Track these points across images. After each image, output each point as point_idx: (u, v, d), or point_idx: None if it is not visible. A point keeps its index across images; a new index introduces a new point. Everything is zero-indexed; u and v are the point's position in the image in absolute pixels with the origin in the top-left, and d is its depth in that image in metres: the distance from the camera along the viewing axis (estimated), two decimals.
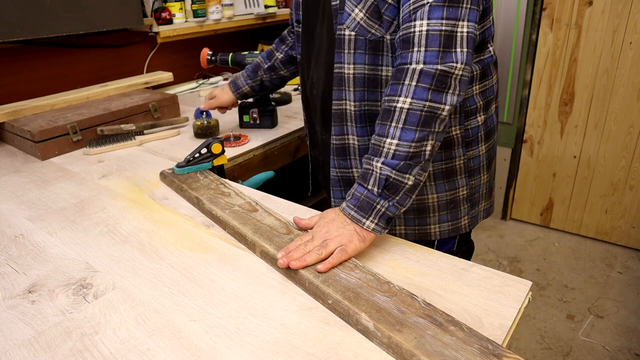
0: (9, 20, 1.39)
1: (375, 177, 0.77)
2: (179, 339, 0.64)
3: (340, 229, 0.78)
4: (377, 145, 0.79)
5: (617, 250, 2.40)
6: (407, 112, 0.76)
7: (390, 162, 0.77)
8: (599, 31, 2.17)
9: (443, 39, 0.75)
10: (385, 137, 0.78)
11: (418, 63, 0.76)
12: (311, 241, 0.77)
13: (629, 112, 2.20)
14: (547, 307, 2.03)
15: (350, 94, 0.92)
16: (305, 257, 0.74)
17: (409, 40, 0.78)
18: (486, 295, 0.70)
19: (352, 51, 0.89)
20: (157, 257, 0.83)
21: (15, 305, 0.73)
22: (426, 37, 0.76)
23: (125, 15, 1.70)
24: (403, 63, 0.78)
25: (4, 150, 1.42)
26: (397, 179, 0.77)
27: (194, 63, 2.12)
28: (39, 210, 1.03)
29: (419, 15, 0.76)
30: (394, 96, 0.78)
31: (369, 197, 0.78)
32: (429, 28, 0.76)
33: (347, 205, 0.80)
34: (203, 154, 1.12)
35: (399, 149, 0.76)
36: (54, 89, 1.67)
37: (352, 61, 0.90)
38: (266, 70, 1.32)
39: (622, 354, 1.77)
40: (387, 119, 0.78)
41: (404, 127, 0.76)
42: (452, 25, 0.76)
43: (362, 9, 0.86)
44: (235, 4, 2.14)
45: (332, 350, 0.61)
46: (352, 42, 0.89)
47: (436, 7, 0.75)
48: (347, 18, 0.88)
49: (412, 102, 0.76)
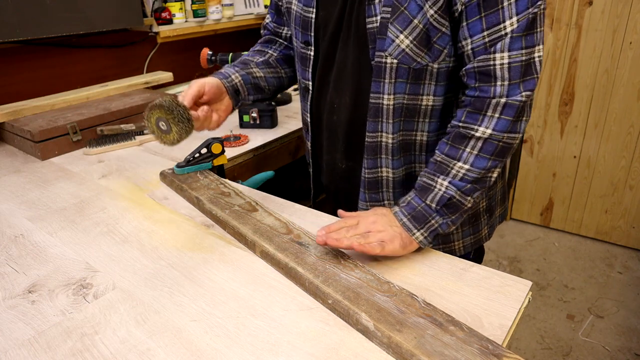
0: (9, 20, 1.39)
1: (436, 194, 0.78)
2: (179, 339, 0.64)
3: (386, 226, 0.77)
4: (445, 165, 0.78)
5: (617, 250, 2.40)
6: (485, 141, 0.76)
7: (457, 184, 0.77)
8: (599, 31, 2.17)
9: (523, 69, 0.74)
10: (457, 160, 0.77)
11: (502, 97, 0.74)
12: (354, 228, 0.77)
13: (629, 112, 2.20)
14: (547, 307, 2.03)
15: (388, 126, 0.86)
16: (343, 239, 0.74)
17: (489, 73, 0.75)
18: (486, 295, 0.70)
19: (393, 80, 0.82)
20: (157, 257, 0.83)
21: (15, 305, 0.73)
22: (508, 70, 0.73)
23: (125, 15, 1.70)
24: (484, 97, 0.76)
25: (4, 150, 1.42)
26: (459, 200, 0.77)
27: (194, 63, 2.12)
28: (39, 210, 1.03)
29: (499, 48, 0.73)
30: (473, 124, 0.76)
31: (426, 210, 0.78)
32: (510, 60, 0.73)
33: (400, 211, 0.79)
34: (203, 154, 1.12)
35: (468, 174, 0.77)
36: (54, 89, 1.67)
37: (392, 91, 0.83)
38: (259, 63, 1.05)
39: (622, 354, 1.77)
40: (461, 144, 0.77)
41: (479, 154, 0.76)
42: (529, 54, 0.74)
43: (408, 36, 0.78)
44: (235, 4, 2.14)
45: (332, 350, 0.61)
46: (393, 71, 0.81)
47: (517, 38, 0.72)
48: (390, 45, 0.79)
49: (492, 133, 0.75)
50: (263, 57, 1.07)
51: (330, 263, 0.75)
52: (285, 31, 1.08)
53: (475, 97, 0.77)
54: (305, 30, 0.93)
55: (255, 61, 1.05)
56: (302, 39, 0.94)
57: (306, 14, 0.92)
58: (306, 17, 0.92)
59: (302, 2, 0.92)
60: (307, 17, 0.92)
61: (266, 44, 1.12)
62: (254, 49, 1.12)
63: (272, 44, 1.12)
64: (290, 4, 0.96)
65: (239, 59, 1.07)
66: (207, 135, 1.46)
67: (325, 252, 0.78)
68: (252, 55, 1.08)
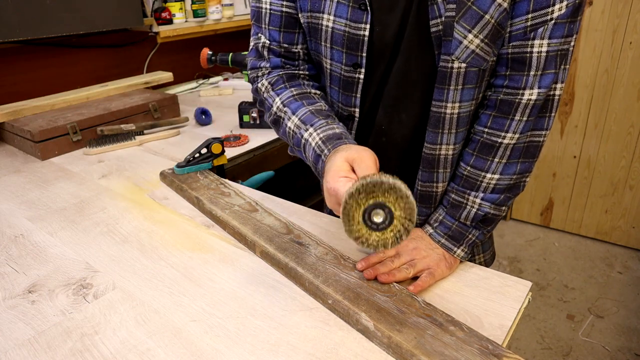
0: (9, 20, 1.39)
1: (470, 212, 0.75)
2: (179, 339, 0.64)
3: (428, 250, 0.75)
4: (474, 179, 0.74)
5: (617, 250, 2.40)
6: (513, 147, 0.72)
7: (490, 197, 0.74)
8: (599, 31, 2.17)
9: (559, 59, 0.67)
10: (486, 172, 0.73)
11: (533, 88, 0.68)
12: (397, 257, 0.73)
13: (629, 112, 2.20)
14: (547, 307, 2.03)
15: (450, 136, 0.74)
16: (395, 273, 0.70)
17: (523, 61, 0.68)
18: (486, 296, 0.70)
19: (460, 87, 0.70)
20: (157, 257, 0.83)
21: (15, 305, 0.73)
22: (545, 59, 0.67)
23: (125, 15, 1.70)
24: (514, 87, 0.69)
25: (4, 150, 1.42)
26: (494, 213, 0.74)
27: (194, 63, 2.11)
28: (39, 210, 1.03)
29: (540, 34, 0.66)
30: (500, 131, 0.71)
31: (461, 227, 0.76)
32: (549, 49, 0.66)
33: (435, 232, 0.77)
34: (203, 154, 1.12)
35: (499, 183, 0.73)
36: (54, 89, 1.67)
37: (459, 99, 0.71)
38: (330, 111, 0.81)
39: (622, 354, 1.77)
40: (488, 154, 0.73)
41: (508, 162, 0.72)
42: (568, 43, 0.67)
43: (478, 34, 0.66)
44: (235, 4, 2.14)
45: (332, 350, 0.61)
46: (460, 76, 0.69)
47: (560, 24, 0.65)
48: (457, 47, 0.67)
49: (519, 137, 0.71)
50: (322, 101, 0.83)
51: (330, 263, 0.75)
52: (302, 50, 0.83)
53: (503, 94, 0.70)
54: (354, 50, 0.75)
55: (327, 110, 0.81)
56: (349, 61, 0.76)
57: (355, 31, 0.74)
58: (355, 35, 0.74)
59: (346, 17, 0.74)
60: (358, 36, 0.74)
61: (294, 83, 0.84)
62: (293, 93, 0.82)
63: (298, 80, 0.85)
64: (317, 19, 0.76)
65: (318, 113, 0.78)
66: (207, 135, 1.46)
67: (325, 252, 0.78)
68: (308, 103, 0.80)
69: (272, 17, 0.80)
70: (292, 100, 0.81)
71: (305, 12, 0.77)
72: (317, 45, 0.80)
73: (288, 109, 0.80)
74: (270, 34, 0.82)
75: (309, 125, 0.76)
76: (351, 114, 0.82)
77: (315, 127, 0.75)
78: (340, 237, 0.86)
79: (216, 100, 1.92)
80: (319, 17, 0.76)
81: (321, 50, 0.79)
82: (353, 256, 0.78)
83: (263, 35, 0.83)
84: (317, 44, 0.80)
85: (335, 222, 0.92)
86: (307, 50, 0.84)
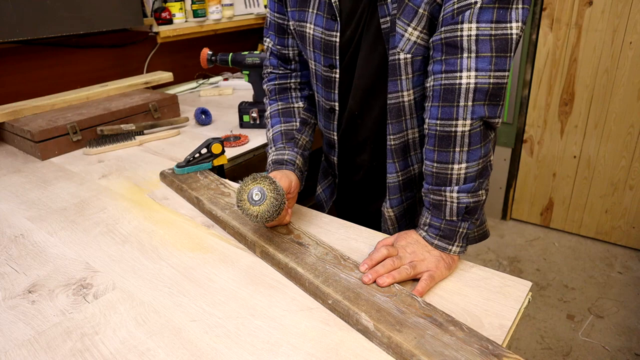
0: (9, 20, 1.39)
1: (451, 207, 0.76)
2: (179, 339, 0.64)
3: (425, 253, 0.76)
4: (443, 174, 0.76)
5: (617, 250, 2.40)
6: (469, 134, 0.73)
7: (465, 187, 0.75)
8: (599, 31, 2.17)
9: (494, 44, 0.69)
10: (451, 163, 0.74)
11: (470, 70, 0.70)
12: (399, 258, 0.74)
13: (629, 112, 2.20)
14: (547, 307, 2.03)
15: (413, 121, 0.85)
16: (394, 274, 0.71)
17: (456, 44, 0.70)
18: (486, 296, 0.70)
19: (410, 75, 0.80)
20: (157, 257, 0.83)
21: (15, 305, 0.73)
22: (476, 42, 0.69)
23: (125, 15, 1.70)
24: (452, 70, 0.71)
25: (4, 150, 1.42)
26: (474, 201, 0.76)
27: (194, 63, 2.12)
28: (39, 210, 1.03)
29: (467, 17, 0.69)
30: (449, 120, 0.73)
31: (450, 224, 0.77)
32: (479, 32, 0.69)
33: (428, 235, 0.78)
34: (203, 154, 1.12)
35: (469, 171, 0.74)
36: (54, 89, 1.67)
37: (412, 86, 0.81)
38: (300, 129, 1.00)
39: (622, 354, 1.77)
40: (447, 146, 0.74)
41: (470, 149, 0.73)
42: (503, 29, 0.69)
43: (417, 26, 0.75)
44: (235, 4, 2.14)
45: (332, 350, 0.61)
46: (408, 65, 0.79)
47: (487, 9, 0.68)
48: (401, 40, 0.77)
49: (471, 122, 0.72)
50: (298, 118, 1.01)
51: (330, 263, 0.75)
52: (291, 51, 1.01)
53: (443, 79, 0.72)
54: (329, 54, 0.89)
55: (297, 128, 0.99)
56: (326, 62, 0.90)
57: (329, 37, 0.87)
58: (330, 41, 0.88)
59: (322, 26, 0.87)
60: (331, 42, 0.87)
61: (283, 96, 1.04)
62: (278, 108, 1.02)
63: (287, 92, 1.04)
64: (302, 27, 0.91)
65: (285, 135, 0.98)
66: (207, 135, 1.46)
67: (325, 252, 0.78)
68: (285, 120, 1.00)
69: (271, 24, 1.00)
70: (275, 114, 1.02)
71: (294, 21, 0.92)
72: (304, 49, 0.94)
73: (270, 121, 1.02)
74: (271, 37, 1.02)
75: (272, 145, 0.98)
76: (332, 107, 0.96)
77: (275, 149, 0.96)
78: (340, 237, 0.87)
79: (216, 100, 1.92)
80: (304, 26, 0.91)
81: (307, 53, 0.95)
82: (353, 256, 0.78)
83: (268, 38, 1.03)
84: (304, 47, 0.94)
85: (335, 222, 0.92)
86: (299, 53, 1.01)
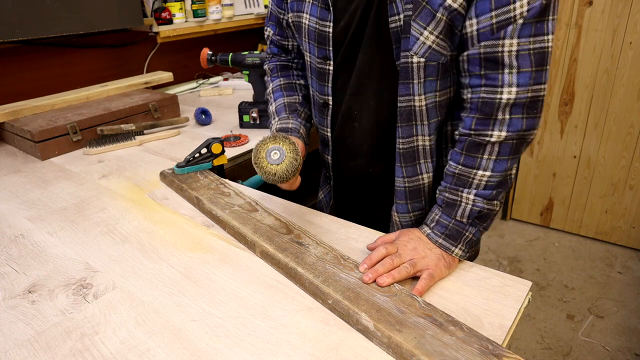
0: (9, 20, 1.39)
1: (464, 209, 0.76)
2: (179, 339, 0.64)
3: (427, 250, 0.76)
4: (465, 176, 0.76)
5: (617, 250, 2.40)
6: (501, 145, 0.74)
7: (483, 193, 0.75)
8: (599, 31, 2.17)
9: (534, 59, 0.69)
10: (476, 169, 0.75)
11: (511, 86, 0.70)
12: (398, 256, 0.74)
13: (629, 112, 2.20)
14: (547, 307, 2.03)
15: (424, 128, 0.82)
16: (394, 273, 0.71)
17: (496, 60, 0.70)
18: (486, 295, 0.70)
19: (422, 80, 0.78)
20: (157, 257, 0.83)
21: (15, 305, 0.73)
22: (517, 57, 0.69)
23: (125, 15, 1.70)
24: (493, 85, 0.71)
25: (4, 150, 1.42)
26: (489, 208, 0.76)
27: (194, 63, 2.12)
28: (39, 210, 1.03)
29: (509, 33, 0.68)
30: (485, 131, 0.73)
31: (458, 225, 0.77)
32: (519, 48, 0.69)
33: (433, 232, 0.78)
34: (203, 154, 1.12)
35: (491, 180, 0.75)
36: (54, 89, 1.67)
37: (423, 91, 0.79)
38: (303, 103, 1.02)
39: (622, 354, 1.77)
40: (477, 152, 0.75)
41: (497, 158, 0.74)
42: (540, 42, 0.69)
43: (433, 31, 0.73)
44: (235, 4, 2.14)
45: (332, 350, 0.61)
46: (421, 69, 0.77)
47: (528, 24, 0.68)
48: (415, 43, 0.75)
49: (507, 135, 0.73)
50: (301, 93, 1.03)
51: (330, 263, 0.75)
52: (290, 43, 1.03)
53: (483, 93, 0.73)
54: (323, 45, 0.88)
55: (299, 102, 1.02)
56: (320, 54, 0.89)
57: (323, 28, 0.86)
58: (323, 31, 0.86)
59: (316, 16, 0.87)
60: (324, 32, 0.86)
61: (285, 73, 1.06)
62: (281, 83, 1.04)
63: (289, 70, 1.06)
64: (299, 18, 0.90)
65: (289, 106, 1.00)
66: (207, 135, 1.46)
67: (325, 252, 0.78)
68: (288, 94, 1.02)
69: (272, 15, 1.01)
70: (278, 89, 1.03)
71: (292, 13, 0.92)
72: (301, 41, 0.94)
73: (272, 96, 1.03)
74: (271, 27, 1.04)
75: (275, 116, 0.99)
76: (326, 102, 0.94)
77: (278, 119, 0.97)
78: (340, 237, 0.87)
79: (216, 100, 1.92)
80: (300, 16, 0.90)
81: (303, 44, 0.93)
82: (353, 256, 0.78)
83: (269, 28, 1.04)
84: (300, 40, 0.93)
85: (335, 222, 0.92)
86: (299, 47, 1.01)
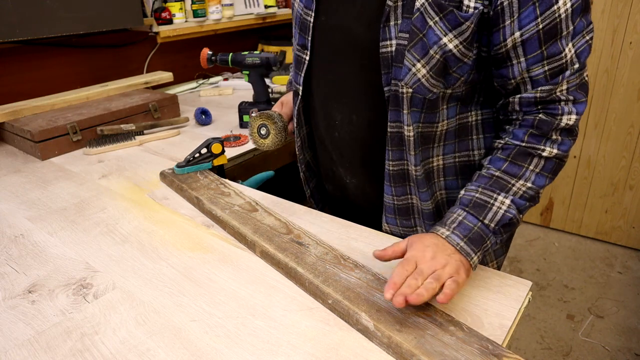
0: (9, 20, 1.39)
1: (496, 212, 0.73)
2: (179, 339, 0.64)
3: (446, 257, 0.69)
4: (505, 181, 0.75)
5: (617, 250, 2.40)
6: (547, 160, 0.76)
7: (518, 202, 0.74)
8: (599, 31, 2.17)
9: (580, 88, 0.75)
10: (519, 178, 0.75)
11: (571, 114, 0.74)
12: (420, 273, 0.66)
13: (629, 112, 2.20)
14: (547, 307, 2.03)
15: (410, 157, 0.81)
16: (422, 293, 0.62)
17: (553, 100, 0.74)
18: (486, 295, 0.70)
19: (407, 111, 0.77)
20: (157, 257, 0.83)
21: (15, 305, 0.73)
22: (574, 93, 0.74)
23: (125, 15, 1.70)
24: (552, 115, 0.74)
25: (4, 150, 1.42)
26: (517, 219, 0.75)
27: (194, 63, 2.12)
28: (39, 210, 1.03)
29: (566, 77, 0.72)
30: (538, 144, 0.75)
31: (483, 231, 0.72)
32: (569, 86, 0.73)
33: (453, 234, 0.71)
34: (203, 154, 1.12)
35: (528, 192, 0.75)
36: (54, 89, 1.67)
37: (411, 122, 0.78)
38: None
39: (622, 354, 1.77)
40: (524, 161, 0.76)
41: (540, 172, 0.76)
42: (585, 74, 0.75)
43: (425, 65, 0.73)
44: (235, 4, 2.14)
45: (332, 350, 0.61)
46: (408, 100, 0.76)
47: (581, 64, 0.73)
48: (407, 74, 0.74)
49: (557, 153, 0.75)
50: None
51: (330, 263, 0.75)
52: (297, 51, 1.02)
53: (541, 116, 0.75)
54: (303, 32, 0.88)
55: None
56: (300, 41, 0.90)
57: (305, 16, 0.87)
58: (305, 19, 0.87)
59: (303, 3, 0.87)
60: (306, 20, 0.87)
61: None
62: None
63: None
64: (294, 1, 0.92)
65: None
66: (207, 135, 1.46)
67: (325, 252, 0.78)
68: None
69: None
70: None
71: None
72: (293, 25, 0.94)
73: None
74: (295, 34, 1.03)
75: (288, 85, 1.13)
76: (297, 91, 0.95)
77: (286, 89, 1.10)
78: (340, 237, 0.87)
79: (216, 100, 1.92)
80: (295, 2, 0.91)
81: (293, 29, 0.95)
82: (353, 256, 0.78)
83: None
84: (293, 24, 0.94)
85: (335, 222, 0.92)
86: None
